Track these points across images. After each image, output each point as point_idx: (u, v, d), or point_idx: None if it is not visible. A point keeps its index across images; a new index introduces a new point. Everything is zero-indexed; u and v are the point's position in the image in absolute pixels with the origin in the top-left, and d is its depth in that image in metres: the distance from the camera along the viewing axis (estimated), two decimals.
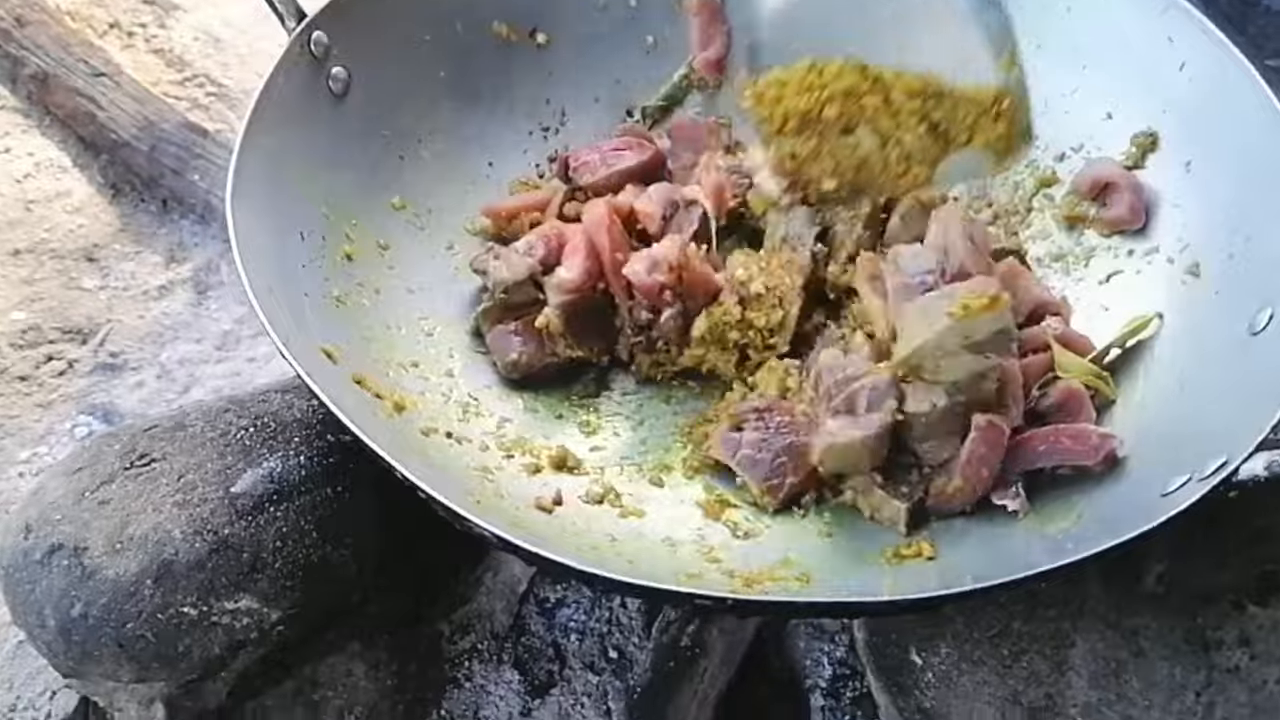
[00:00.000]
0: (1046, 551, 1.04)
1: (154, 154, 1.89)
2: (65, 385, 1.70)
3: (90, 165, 1.96)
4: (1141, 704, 1.13)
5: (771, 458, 1.17)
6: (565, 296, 1.26)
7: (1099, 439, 1.12)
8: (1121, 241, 1.34)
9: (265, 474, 1.14)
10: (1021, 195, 1.42)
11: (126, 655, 1.09)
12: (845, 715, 1.36)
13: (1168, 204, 1.31)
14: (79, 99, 1.95)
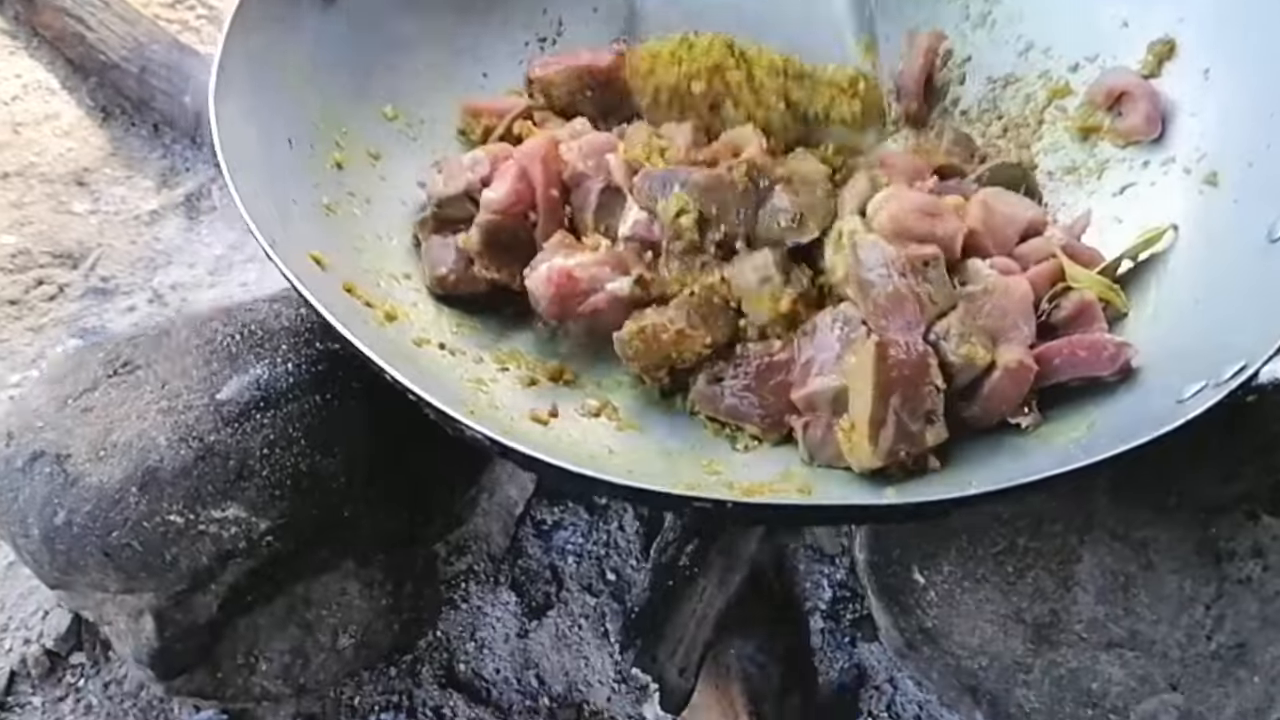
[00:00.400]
0: (1056, 461, 1.01)
1: (144, 76, 1.85)
2: (56, 309, 1.68)
3: (79, 88, 1.92)
4: (1149, 618, 1.10)
5: (759, 400, 1.13)
6: (488, 216, 1.21)
7: (1115, 348, 1.08)
8: (1137, 153, 1.30)
9: (251, 381, 1.11)
10: (1033, 107, 1.38)
11: (113, 564, 1.06)
12: (845, 637, 1.35)
13: (1185, 113, 1.27)
14: (67, 20, 1.91)
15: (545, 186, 1.22)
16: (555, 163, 1.24)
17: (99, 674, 1.29)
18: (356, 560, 1.24)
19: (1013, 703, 1.16)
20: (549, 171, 1.22)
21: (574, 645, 1.33)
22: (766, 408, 1.13)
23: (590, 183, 1.23)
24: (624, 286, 1.16)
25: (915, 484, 1.05)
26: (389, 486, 1.20)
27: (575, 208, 1.24)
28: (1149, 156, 1.29)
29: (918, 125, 1.42)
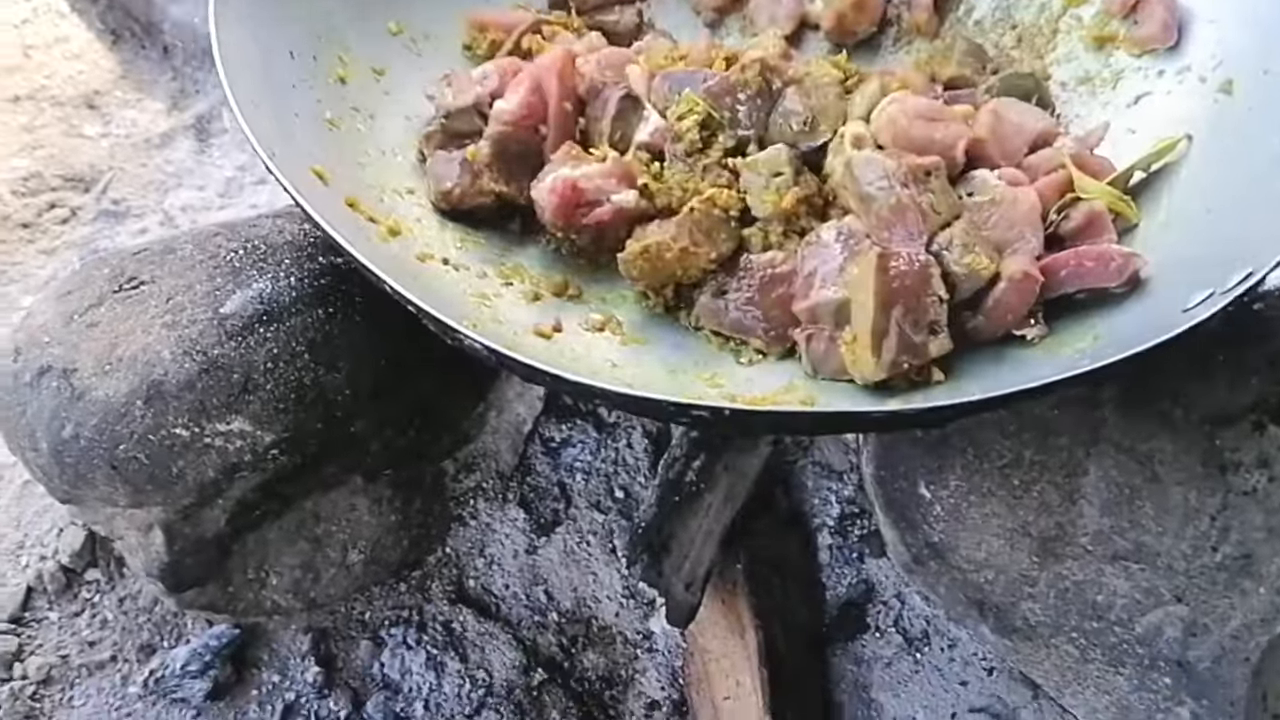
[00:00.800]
0: (1060, 370, 1.00)
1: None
2: (68, 232, 1.68)
3: (88, 10, 1.92)
4: (1155, 530, 1.10)
5: (763, 314, 1.12)
6: (499, 128, 1.20)
7: (1122, 259, 1.07)
8: (1152, 62, 1.27)
9: (254, 295, 1.11)
10: (1048, 16, 1.35)
11: (120, 477, 1.07)
12: (853, 553, 1.35)
13: (1202, 20, 1.24)
14: None
15: (559, 99, 1.21)
16: (570, 76, 1.22)
17: (114, 590, 1.31)
18: (364, 476, 1.25)
19: (1019, 616, 1.16)
20: (564, 84, 1.21)
21: (582, 561, 1.34)
22: (770, 321, 1.12)
23: (609, 91, 1.21)
24: (629, 199, 1.15)
25: (917, 393, 1.04)
26: (395, 403, 1.21)
27: (590, 119, 1.23)
28: (1164, 66, 1.26)
29: (929, 36, 1.39)
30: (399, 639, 1.29)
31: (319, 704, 1.25)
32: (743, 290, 1.13)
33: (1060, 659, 1.16)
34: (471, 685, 1.26)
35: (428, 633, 1.29)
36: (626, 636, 1.31)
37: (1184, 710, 1.11)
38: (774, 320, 1.12)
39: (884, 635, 1.31)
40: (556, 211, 1.15)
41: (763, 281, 1.11)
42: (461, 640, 1.29)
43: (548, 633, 1.30)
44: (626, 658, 1.30)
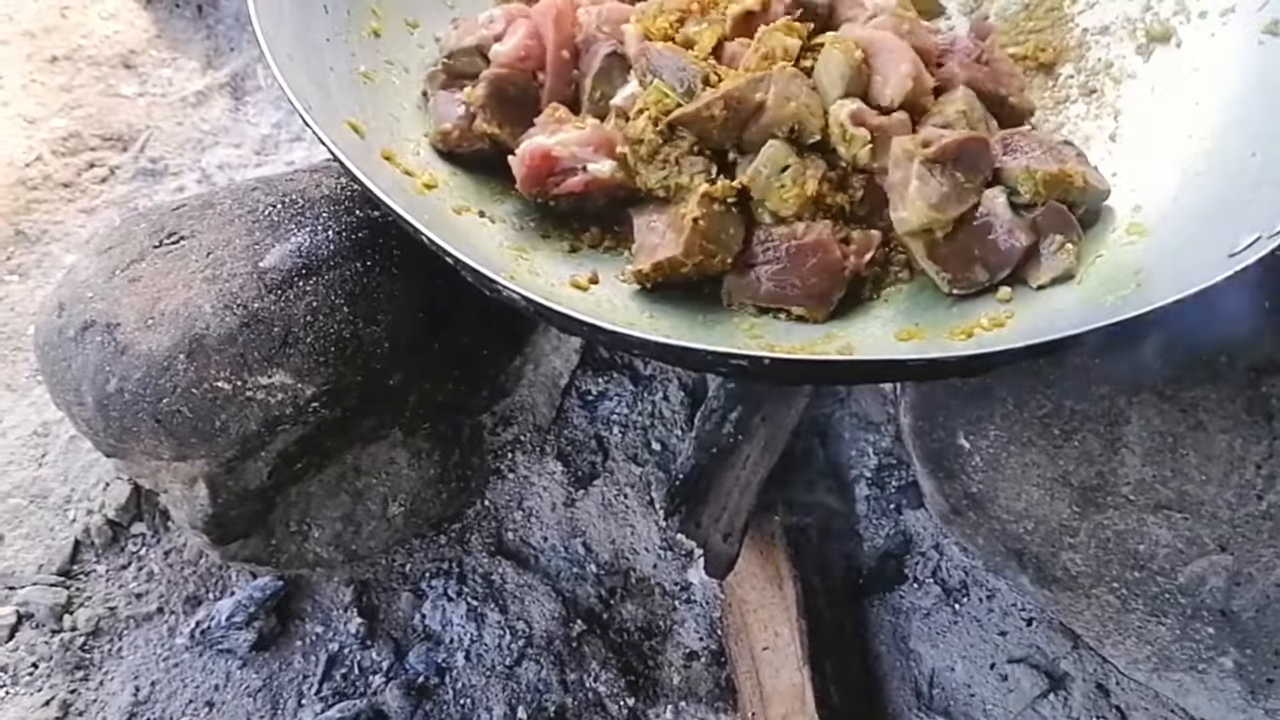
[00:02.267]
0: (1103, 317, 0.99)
1: None
2: (107, 191, 1.69)
3: None
4: (1198, 478, 1.09)
5: (801, 281, 1.10)
6: (495, 70, 1.20)
7: None
8: (1195, 3, 1.25)
9: (293, 249, 1.12)
10: None
11: (164, 431, 1.09)
12: (890, 504, 1.35)
13: None
14: None
15: (556, 47, 1.20)
16: (570, 24, 1.22)
17: (159, 543, 1.33)
18: (404, 430, 1.25)
19: (1059, 566, 1.16)
20: (562, 31, 1.21)
21: (620, 514, 1.35)
22: (809, 287, 1.10)
23: (598, 46, 1.20)
24: (604, 169, 1.13)
25: (956, 341, 1.03)
26: (433, 355, 1.21)
27: (580, 73, 1.22)
28: (1206, 7, 1.24)
29: None
30: (440, 591, 1.30)
31: (362, 654, 1.26)
32: (771, 263, 1.11)
33: (1101, 609, 1.15)
34: (512, 636, 1.27)
35: (468, 584, 1.30)
36: (665, 588, 1.31)
37: (1227, 660, 1.10)
38: (813, 286, 1.10)
39: (922, 586, 1.31)
40: (525, 180, 1.15)
41: (790, 253, 1.10)
42: (501, 592, 1.30)
43: (586, 584, 1.31)
44: (665, 609, 1.30)
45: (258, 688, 1.25)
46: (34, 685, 1.24)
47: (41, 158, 1.69)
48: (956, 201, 1.06)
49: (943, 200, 1.05)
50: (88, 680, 1.25)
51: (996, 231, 1.06)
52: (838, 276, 1.09)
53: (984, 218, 1.07)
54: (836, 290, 1.10)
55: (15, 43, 1.80)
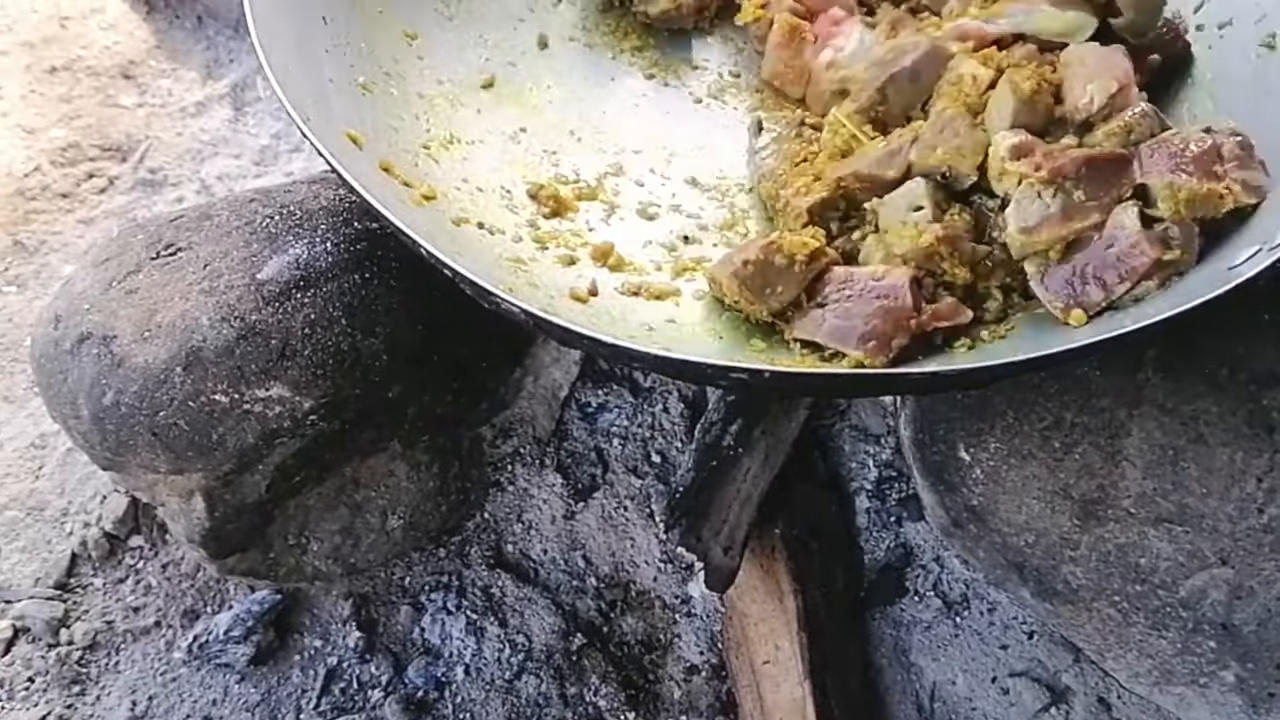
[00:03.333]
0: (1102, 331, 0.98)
1: None
2: (106, 202, 1.69)
3: None
4: (1199, 492, 1.08)
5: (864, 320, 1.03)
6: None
7: None
8: (1192, 17, 1.25)
9: (291, 260, 1.11)
10: None
11: (161, 444, 1.08)
12: (891, 516, 1.34)
13: None
14: None
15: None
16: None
17: (157, 556, 1.32)
18: (403, 442, 1.25)
19: (1059, 580, 1.15)
20: None
21: (620, 526, 1.35)
22: (869, 329, 1.02)
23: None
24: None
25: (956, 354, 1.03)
26: (433, 367, 1.21)
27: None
28: (1204, 20, 1.24)
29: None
30: (439, 604, 1.29)
31: (360, 668, 1.26)
32: (840, 302, 1.06)
33: (1102, 623, 1.15)
34: (511, 650, 1.27)
35: (467, 598, 1.30)
36: (665, 601, 1.31)
37: (1228, 674, 1.10)
38: (874, 329, 1.03)
39: (923, 599, 1.31)
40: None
41: (861, 292, 1.05)
42: (501, 605, 1.29)
43: (586, 597, 1.31)
44: (665, 622, 1.30)
45: (256, 702, 1.24)
46: (30, 700, 1.23)
47: (40, 168, 1.69)
48: (1063, 222, 1.01)
49: (1041, 222, 1.01)
50: (84, 695, 1.25)
51: (1119, 245, 1.00)
52: (902, 324, 1.02)
53: (1109, 234, 1.01)
54: (899, 336, 1.02)
55: (15, 53, 1.80)
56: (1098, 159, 1.02)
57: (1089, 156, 1.02)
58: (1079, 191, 1.01)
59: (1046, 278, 1.02)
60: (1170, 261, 0.98)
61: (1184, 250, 0.99)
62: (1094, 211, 1.01)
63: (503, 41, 1.35)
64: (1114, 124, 1.06)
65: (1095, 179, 1.02)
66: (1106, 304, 0.99)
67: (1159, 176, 1.01)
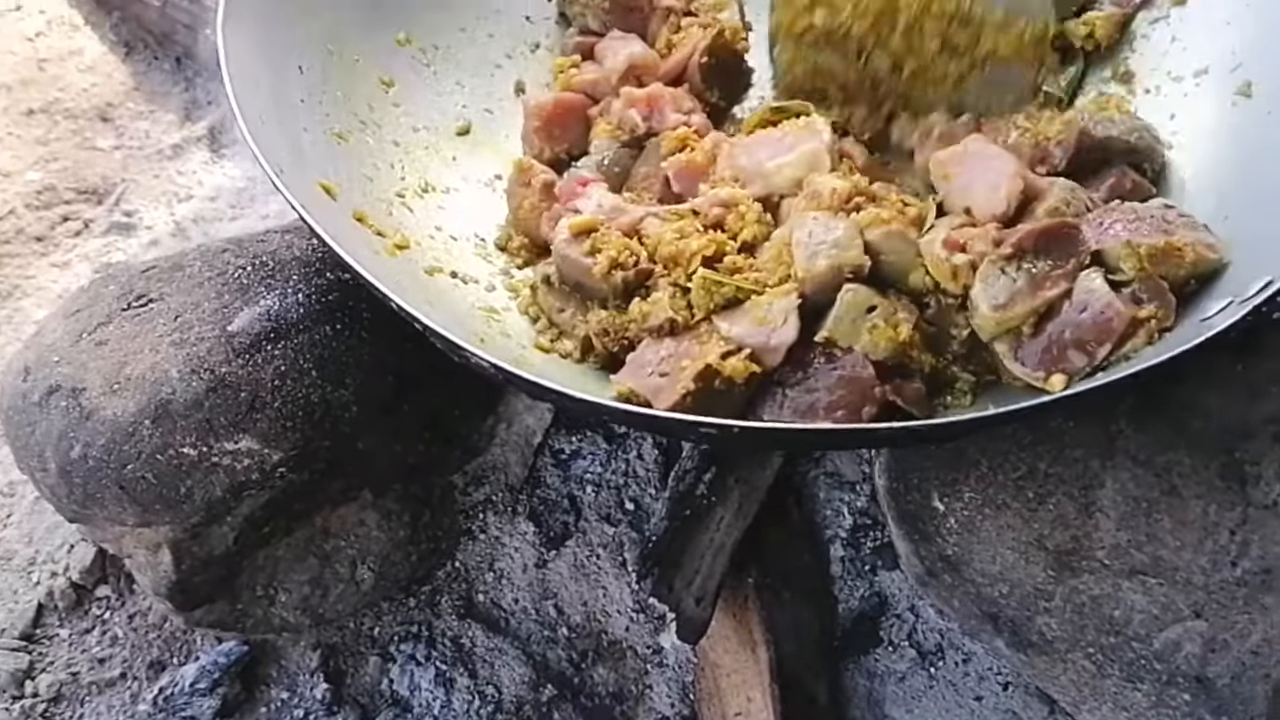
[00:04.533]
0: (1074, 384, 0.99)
1: (166, 9, 1.85)
2: (81, 245, 1.69)
3: (102, 23, 1.92)
4: (1173, 544, 1.08)
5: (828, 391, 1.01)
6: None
7: None
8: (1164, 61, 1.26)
9: (262, 312, 1.11)
10: None
11: (128, 497, 1.07)
12: (865, 565, 1.34)
13: (1220, 22, 1.23)
14: None
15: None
16: None
17: (124, 606, 1.31)
18: (374, 491, 1.24)
19: (1034, 630, 1.15)
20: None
21: (592, 575, 1.34)
22: (836, 400, 1.01)
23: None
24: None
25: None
26: (404, 418, 1.20)
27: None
28: (1181, 69, 1.25)
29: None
30: (408, 655, 1.28)
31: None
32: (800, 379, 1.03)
33: (1077, 674, 1.14)
34: (481, 701, 1.25)
35: (437, 648, 1.28)
36: (637, 651, 1.30)
37: None
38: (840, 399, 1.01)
39: (897, 649, 1.30)
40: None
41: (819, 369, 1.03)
42: (471, 656, 1.28)
43: (557, 647, 1.30)
44: (637, 673, 1.29)
45: None
46: None
47: (15, 211, 1.68)
48: (1031, 294, 1.01)
49: (1012, 297, 1.01)
50: None
51: (1092, 310, 0.99)
52: (869, 393, 1.01)
53: (1079, 300, 1.01)
54: (868, 405, 1.00)
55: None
56: (1051, 229, 1.03)
57: (1043, 228, 1.03)
58: (1041, 263, 1.02)
59: (1021, 354, 1.02)
60: (1147, 318, 0.98)
61: (1159, 306, 0.99)
62: (1060, 279, 1.01)
63: (480, 88, 1.36)
64: (1050, 203, 1.08)
65: (1053, 250, 1.02)
66: (1092, 369, 0.99)
67: (1115, 239, 1.02)
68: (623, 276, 1.08)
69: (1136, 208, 1.05)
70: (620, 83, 1.29)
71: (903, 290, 1.07)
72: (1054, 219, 1.05)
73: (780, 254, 1.07)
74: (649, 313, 1.06)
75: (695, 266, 1.06)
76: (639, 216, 1.13)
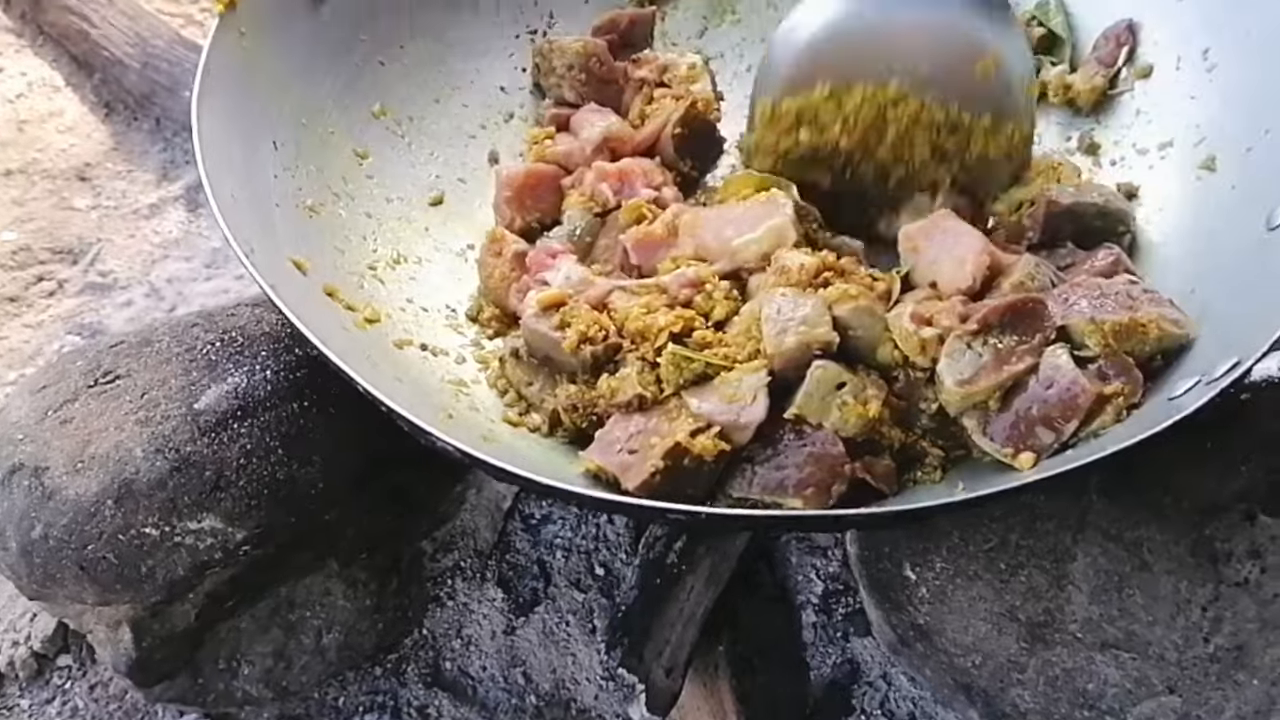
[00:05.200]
0: (1043, 469, 0.98)
1: (146, 71, 1.85)
2: (55, 306, 1.68)
3: (83, 84, 1.93)
4: (1145, 619, 1.08)
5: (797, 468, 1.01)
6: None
7: None
8: (1129, 134, 1.27)
9: (229, 390, 1.11)
10: None
11: (88, 577, 1.07)
12: (837, 632, 1.33)
13: (1184, 96, 1.24)
14: (71, 17, 1.92)
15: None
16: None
17: (85, 676, 1.29)
18: (340, 561, 1.23)
19: (1007, 702, 1.14)
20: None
21: (561, 642, 1.33)
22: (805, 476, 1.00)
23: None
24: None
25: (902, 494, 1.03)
26: (372, 493, 1.20)
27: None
28: (1146, 142, 1.26)
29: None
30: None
31: None
32: (769, 454, 1.03)
33: None
34: None
35: (402, 718, 1.27)
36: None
37: None
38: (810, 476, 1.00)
39: (870, 718, 1.29)
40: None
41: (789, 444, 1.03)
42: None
43: (525, 716, 1.28)
44: None
45: None
46: None
47: None
48: (996, 369, 1.01)
49: (978, 372, 1.02)
50: None
51: (1058, 386, 1.00)
52: (838, 470, 1.00)
53: (1045, 376, 1.01)
54: (837, 483, 1.00)
55: None
56: (1016, 305, 1.04)
57: (1008, 304, 1.04)
58: (1006, 338, 1.02)
59: (989, 429, 1.02)
60: (1113, 394, 0.99)
61: (1125, 383, 0.99)
62: (1026, 355, 1.02)
63: (454, 158, 1.36)
64: (1015, 278, 1.08)
65: (1019, 325, 1.03)
66: (1060, 445, 0.99)
67: (1080, 315, 1.03)
68: (591, 351, 1.08)
69: (1101, 283, 1.06)
70: (594, 155, 1.29)
71: (871, 365, 1.07)
72: (1019, 294, 1.06)
73: (749, 329, 1.07)
74: (617, 388, 1.06)
75: (664, 341, 1.06)
76: (606, 290, 1.13)
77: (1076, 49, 1.35)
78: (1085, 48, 1.34)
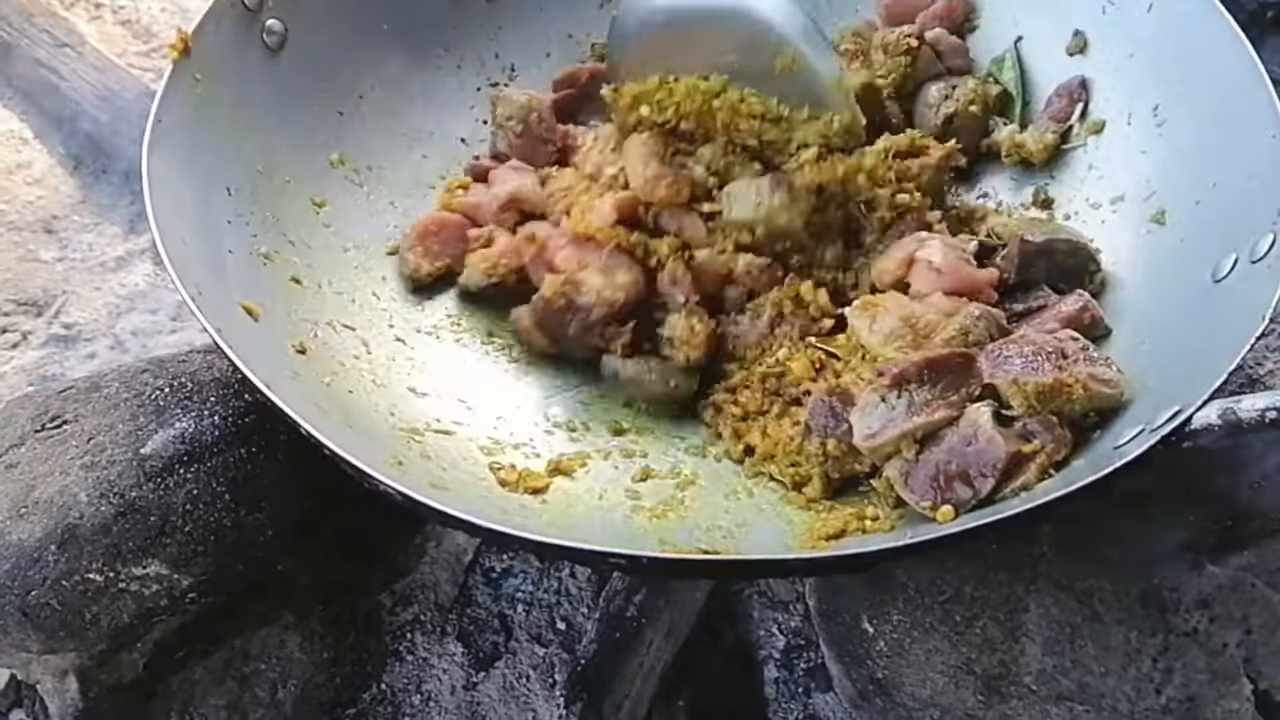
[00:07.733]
0: (990, 510, 0.98)
1: (115, 124, 1.86)
2: (18, 358, 1.67)
3: (51, 136, 1.93)
4: (1098, 670, 1.07)
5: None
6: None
7: None
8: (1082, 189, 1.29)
9: (176, 435, 1.10)
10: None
11: (32, 624, 1.05)
12: (799, 687, 1.32)
13: (1135, 151, 1.26)
14: (41, 70, 1.92)
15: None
16: None
17: None
18: (295, 612, 1.22)
19: None
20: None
21: (521, 697, 1.31)
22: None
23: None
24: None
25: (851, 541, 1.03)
26: (324, 540, 1.18)
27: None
28: (1098, 196, 1.27)
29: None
30: None
31: None
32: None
33: None
34: None
35: None
36: None
37: None
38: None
39: None
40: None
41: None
42: None
43: None
44: None
45: None
46: None
47: None
48: (906, 419, 1.02)
49: (885, 425, 1.03)
50: None
51: (976, 443, 1.00)
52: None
53: (966, 432, 1.01)
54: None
55: None
56: (939, 360, 1.04)
57: (928, 359, 1.04)
58: (923, 391, 1.03)
59: (910, 479, 1.02)
60: (1032, 452, 0.98)
61: (1048, 442, 0.99)
62: (941, 407, 1.02)
63: (412, 208, 1.36)
64: (951, 329, 1.08)
65: (941, 379, 1.04)
66: (977, 502, 0.98)
67: (1004, 376, 1.03)
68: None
69: (1038, 338, 1.06)
70: (501, 212, 1.31)
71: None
72: (945, 349, 1.06)
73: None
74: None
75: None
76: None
77: (1031, 105, 1.36)
78: (1040, 103, 1.35)
